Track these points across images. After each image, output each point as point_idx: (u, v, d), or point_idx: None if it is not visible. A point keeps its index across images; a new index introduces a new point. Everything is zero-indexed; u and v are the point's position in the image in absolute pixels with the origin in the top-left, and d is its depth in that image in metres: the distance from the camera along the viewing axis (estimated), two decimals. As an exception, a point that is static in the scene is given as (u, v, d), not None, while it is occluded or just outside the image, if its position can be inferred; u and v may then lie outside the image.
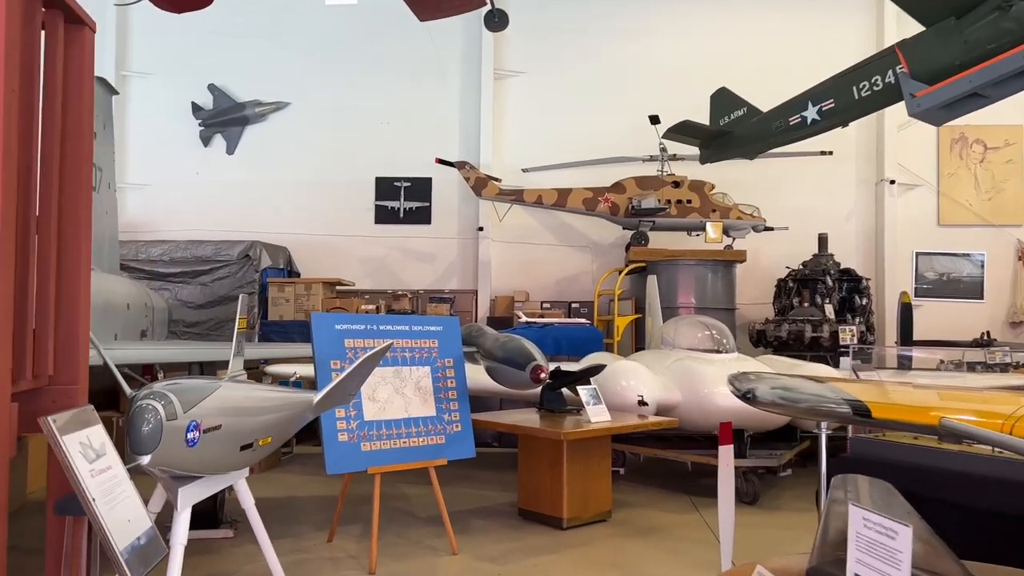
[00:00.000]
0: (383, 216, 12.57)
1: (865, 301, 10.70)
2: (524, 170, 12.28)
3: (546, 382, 6.62)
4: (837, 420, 4.06)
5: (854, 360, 8.17)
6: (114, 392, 8.15)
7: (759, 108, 9.64)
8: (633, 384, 7.41)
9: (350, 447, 5.54)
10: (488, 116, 12.42)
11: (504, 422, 6.81)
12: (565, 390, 7.26)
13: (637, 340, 11.08)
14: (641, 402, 7.27)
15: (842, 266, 10.94)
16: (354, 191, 12.53)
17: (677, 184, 11.24)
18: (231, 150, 12.83)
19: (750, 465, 7.36)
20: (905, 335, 10.35)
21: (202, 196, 12.60)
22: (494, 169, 12.08)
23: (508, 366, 6.53)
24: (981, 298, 12.04)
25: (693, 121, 10.04)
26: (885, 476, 3.21)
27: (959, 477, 3.75)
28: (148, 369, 7.43)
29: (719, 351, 7.90)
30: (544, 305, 11.57)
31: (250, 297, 11.05)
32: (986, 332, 10.92)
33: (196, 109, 12.84)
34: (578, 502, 6.48)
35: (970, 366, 8.37)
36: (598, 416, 6.60)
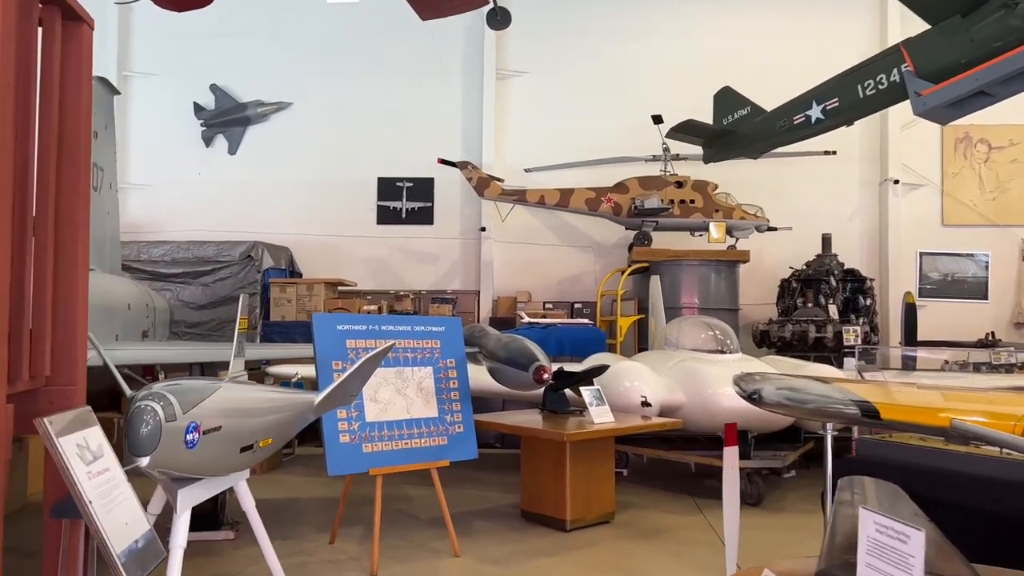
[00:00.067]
0: (385, 216, 12.55)
1: (869, 301, 10.67)
2: (526, 170, 12.25)
3: (549, 383, 6.59)
4: (845, 421, 4.02)
5: (859, 361, 8.13)
6: (115, 393, 8.13)
7: (763, 107, 9.60)
8: (636, 385, 7.37)
9: (352, 448, 5.51)
10: (490, 116, 12.40)
11: (507, 423, 6.79)
12: (568, 391, 7.24)
13: (640, 341, 11.06)
14: (644, 403, 7.24)
15: (846, 266, 10.91)
16: (356, 191, 12.51)
17: (680, 184, 11.20)
18: (233, 150, 12.83)
19: (754, 466, 7.31)
20: (909, 336, 10.31)
21: (204, 196, 12.59)
22: (496, 169, 12.05)
23: (511, 367, 6.50)
24: (985, 298, 11.98)
25: (696, 120, 9.98)
26: (891, 478, 3.18)
27: (966, 479, 3.70)
28: (149, 370, 7.43)
29: (723, 352, 7.86)
30: (547, 306, 11.55)
31: (251, 297, 11.03)
32: (991, 332, 10.89)
33: (198, 109, 12.83)
34: (581, 504, 6.44)
35: (975, 367, 8.31)
36: (601, 417, 6.57)
